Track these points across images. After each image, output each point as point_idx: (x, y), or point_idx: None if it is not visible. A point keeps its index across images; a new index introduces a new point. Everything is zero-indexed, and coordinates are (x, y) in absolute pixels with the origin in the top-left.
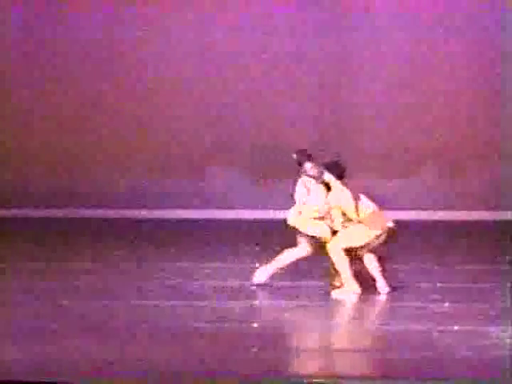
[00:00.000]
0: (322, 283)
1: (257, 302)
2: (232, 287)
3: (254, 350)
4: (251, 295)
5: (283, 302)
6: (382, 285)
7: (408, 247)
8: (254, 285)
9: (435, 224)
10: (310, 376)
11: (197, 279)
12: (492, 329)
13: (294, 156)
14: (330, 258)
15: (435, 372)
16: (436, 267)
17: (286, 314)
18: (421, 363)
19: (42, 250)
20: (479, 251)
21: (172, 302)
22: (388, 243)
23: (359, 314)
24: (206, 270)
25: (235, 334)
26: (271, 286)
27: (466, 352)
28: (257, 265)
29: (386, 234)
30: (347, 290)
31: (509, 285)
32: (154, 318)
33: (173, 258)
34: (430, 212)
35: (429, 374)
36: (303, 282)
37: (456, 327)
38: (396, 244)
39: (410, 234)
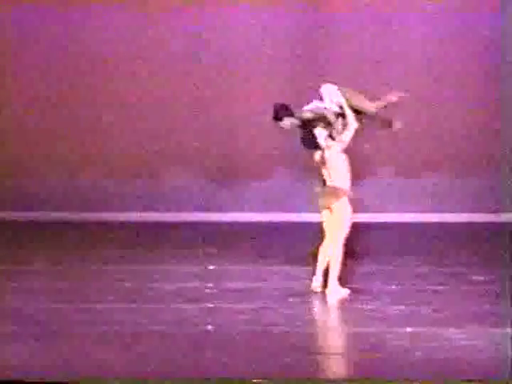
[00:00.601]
0: (281, 285)
1: (212, 305)
2: (188, 289)
3: (209, 352)
4: (207, 297)
5: (240, 305)
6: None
7: (367, 249)
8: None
9: (404, 226)
10: (264, 378)
11: (153, 281)
12: (445, 330)
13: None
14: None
15: (387, 374)
16: (392, 268)
17: (242, 317)
18: (373, 365)
19: None
20: (438, 253)
21: (128, 305)
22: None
23: (314, 317)
24: (162, 273)
25: (191, 337)
26: (227, 289)
27: (419, 353)
28: (212, 267)
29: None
30: (340, 291)
31: (464, 287)
32: (110, 320)
33: (129, 261)
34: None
35: (380, 375)
36: (262, 284)
37: (409, 329)
38: (357, 245)
39: (373, 236)
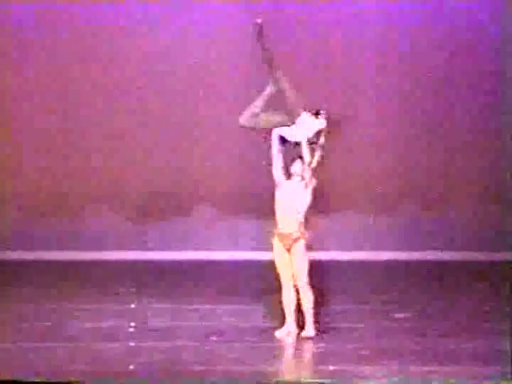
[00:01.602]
0: (202, 323)
1: (133, 344)
2: (108, 328)
3: None
4: (128, 336)
5: (160, 343)
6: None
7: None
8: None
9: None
10: None
11: (73, 320)
12: (365, 368)
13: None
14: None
15: None
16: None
17: (162, 356)
18: None
19: None
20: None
21: (47, 344)
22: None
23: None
24: (82, 311)
25: (111, 375)
26: (149, 328)
27: None
28: (132, 305)
29: None
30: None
31: (388, 324)
32: (29, 359)
33: (49, 299)
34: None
35: None
36: (183, 323)
37: (331, 367)
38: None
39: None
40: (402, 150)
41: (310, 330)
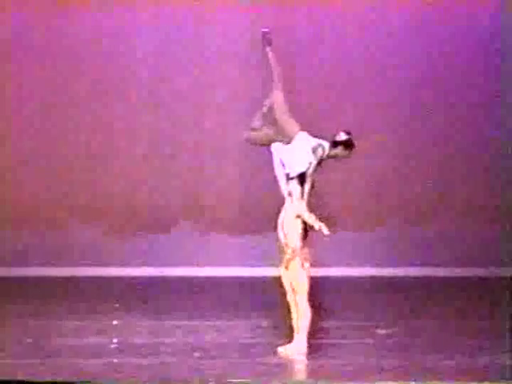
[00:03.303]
0: (185, 340)
1: (115, 360)
2: (91, 344)
3: None
4: (111, 353)
5: (144, 360)
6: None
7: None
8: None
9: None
10: None
11: (55, 337)
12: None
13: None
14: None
15: None
16: None
17: (146, 372)
18: None
19: None
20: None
21: (28, 361)
22: None
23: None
24: (65, 328)
25: None
26: (132, 344)
27: None
28: (115, 322)
29: None
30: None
31: (370, 341)
32: (9, 375)
33: (30, 315)
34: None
35: None
36: (164, 339)
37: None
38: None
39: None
40: (387, 164)
41: (303, 348)
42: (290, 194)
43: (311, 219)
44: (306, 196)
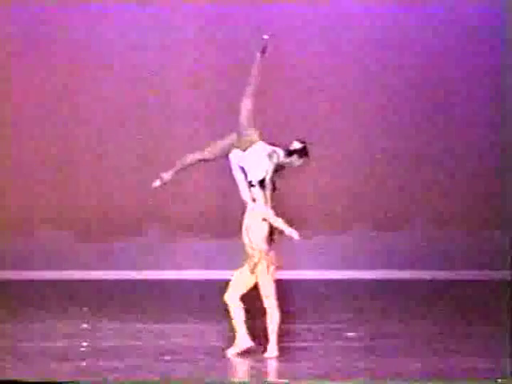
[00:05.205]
0: (154, 343)
1: (84, 364)
2: (60, 348)
3: None
4: (79, 356)
5: (113, 363)
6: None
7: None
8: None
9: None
10: None
11: (24, 340)
12: None
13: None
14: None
15: None
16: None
17: (116, 375)
18: None
19: None
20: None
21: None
22: None
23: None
24: (33, 331)
25: None
26: (101, 347)
27: None
28: (85, 325)
29: None
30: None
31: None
32: None
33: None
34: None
35: None
36: (132, 342)
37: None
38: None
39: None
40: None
41: (273, 350)
42: (254, 200)
43: (280, 224)
44: (269, 201)
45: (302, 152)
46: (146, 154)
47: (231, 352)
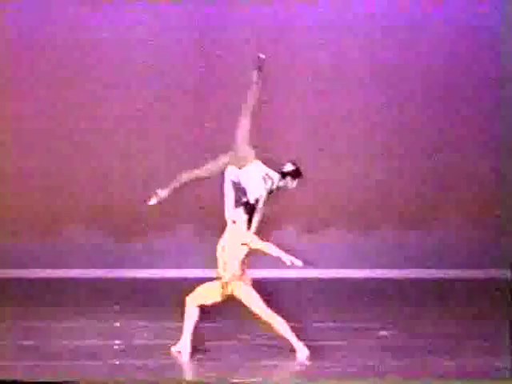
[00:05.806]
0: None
1: (117, 362)
2: (93, 346)
3: None
4: (113, 354)
5: (146, 361)
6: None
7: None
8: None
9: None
10: None
11: (54, 338)
12: None
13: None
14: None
15: None
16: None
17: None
18: None
19: None
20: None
21: (28, 362)
22: None
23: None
24: (65, 330)
25: None
26: (135, 345)
27: None
28: (117, 324)
29: None
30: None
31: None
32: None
33: (29, 317)
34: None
35: None
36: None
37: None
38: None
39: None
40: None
41: (302, 350)
42: (233, 222)
43: (279, 253)
44: (254, 227)
45: (296, 173)
46: (174, 154)
47: (173, 349)
